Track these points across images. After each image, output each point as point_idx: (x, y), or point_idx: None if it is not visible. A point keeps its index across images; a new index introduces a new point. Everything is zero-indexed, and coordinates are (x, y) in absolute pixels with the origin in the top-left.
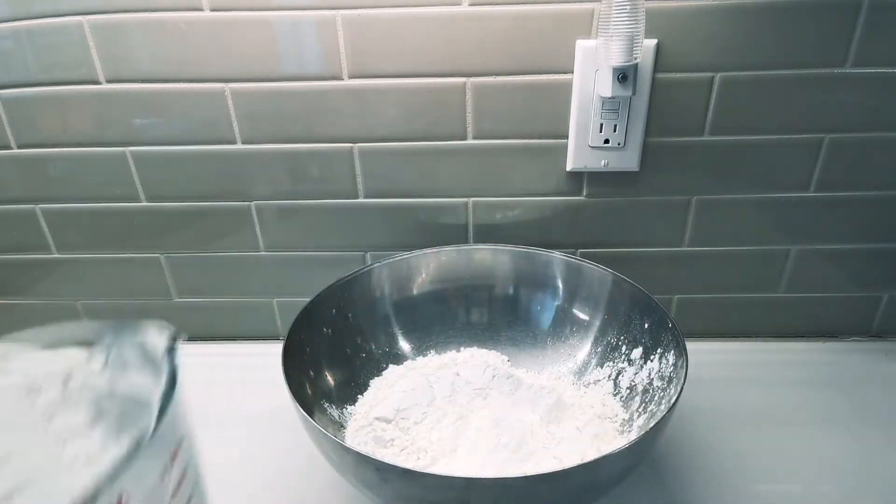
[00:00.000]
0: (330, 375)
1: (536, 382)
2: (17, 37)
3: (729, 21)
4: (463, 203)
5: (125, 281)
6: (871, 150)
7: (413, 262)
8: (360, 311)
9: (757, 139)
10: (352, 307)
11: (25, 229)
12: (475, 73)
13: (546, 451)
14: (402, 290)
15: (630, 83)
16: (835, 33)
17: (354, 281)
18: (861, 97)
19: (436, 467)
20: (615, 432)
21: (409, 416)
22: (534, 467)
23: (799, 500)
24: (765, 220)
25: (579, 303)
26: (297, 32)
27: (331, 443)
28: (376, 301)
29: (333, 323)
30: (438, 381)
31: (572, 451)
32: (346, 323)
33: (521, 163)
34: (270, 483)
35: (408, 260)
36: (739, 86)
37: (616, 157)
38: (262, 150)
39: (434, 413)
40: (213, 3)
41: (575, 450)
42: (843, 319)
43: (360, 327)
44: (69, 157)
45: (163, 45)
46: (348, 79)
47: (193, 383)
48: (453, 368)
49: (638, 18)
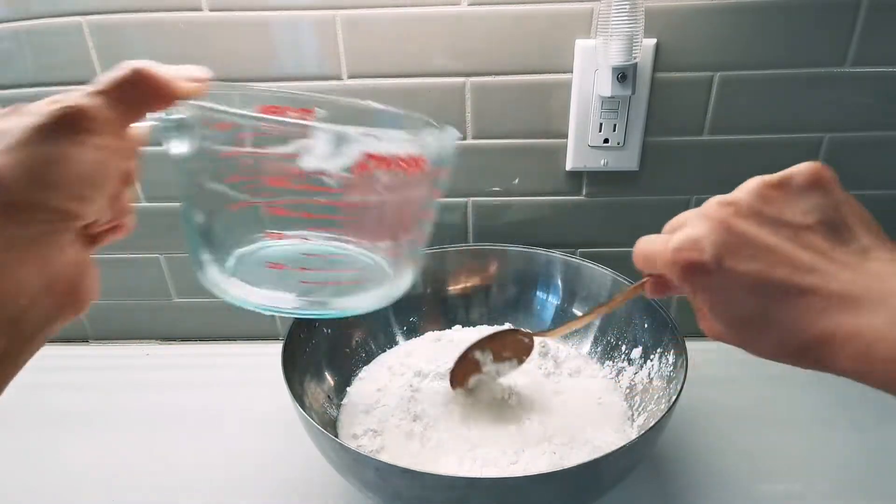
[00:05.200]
0: (330, 375)
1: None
2: (16, 37)
3: (728, 21)
4: (463, 203)
5: (125, 281)
6: (870, 149)
7: None
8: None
9: (757, 139)
10: None
11: None
12: (475, 73)
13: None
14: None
15: (629, 83)
16: (834, 33)
17: None
18: (861, 97)
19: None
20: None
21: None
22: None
23: (799, 499)
24: None
25: (579, 302)
26: (296, 32)
27: (331, 443)
28: None
29: (333, 323)
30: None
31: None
32: (346, 323)
33: (520, 162)
34: (270, 483)
35: None
36: (739, 85)
37: (615, 156)
38: None
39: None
40: (212, 4)
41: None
42: None
43: (360, 327)
44: None
45: (162, 45)
46: (347, 79)
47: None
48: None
49: (637, 18)
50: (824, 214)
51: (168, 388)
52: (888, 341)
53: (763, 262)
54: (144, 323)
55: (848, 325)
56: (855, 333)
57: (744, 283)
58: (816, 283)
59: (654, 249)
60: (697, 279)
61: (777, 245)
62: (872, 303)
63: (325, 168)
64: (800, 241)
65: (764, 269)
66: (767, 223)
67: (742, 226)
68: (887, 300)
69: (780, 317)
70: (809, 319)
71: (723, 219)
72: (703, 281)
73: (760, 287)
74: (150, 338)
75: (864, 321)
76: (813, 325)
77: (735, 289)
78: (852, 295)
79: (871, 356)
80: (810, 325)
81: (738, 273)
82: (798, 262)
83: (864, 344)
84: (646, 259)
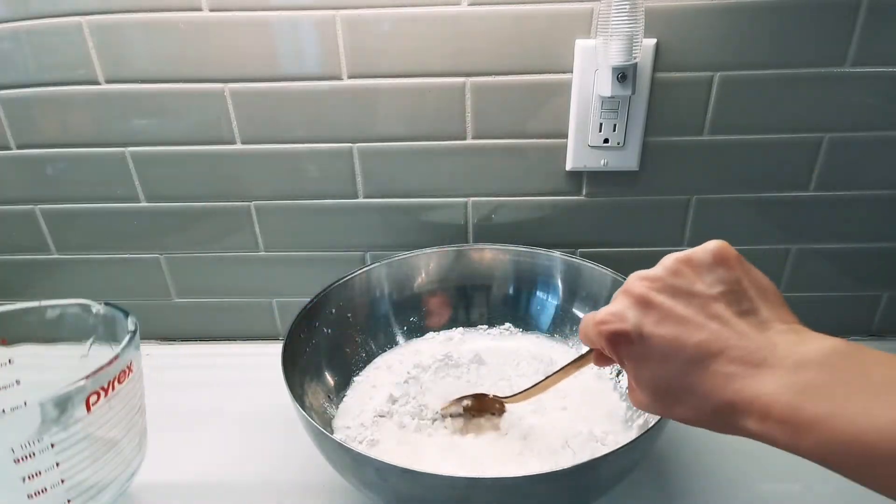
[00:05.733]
0: (330, 375)
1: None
2: (16, 37)
3: (728, 21)
4: (462, 203)
5: (125, 281)
6: (870, 149)
7: (413, 261)
8: (360, 311)
9: (756, 139)
10: (352, 307)
11: (25, 230)
12: (475, 73)
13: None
14: (402, 290)
15: (629, 83)
16: (834, 33)
17: (354, 281)
18: (860, 96)
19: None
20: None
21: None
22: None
23: (799, 499)
24: (764, 220)
25: (579, 302)
26: (296, 32)
27: (331, 443)
28: (376, 301)
29: (333, 323)
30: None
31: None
32: (346, 323)
33: (520, 162)
34: (270, 483)
35: (408, 260)
36: (739, 85)
37: (615, 156)
38: (262, 150)
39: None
40: (212, 4)
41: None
42: (843, 319)
43: (360, 327)
44: (68, 158)
45: (162, 45)
46: (347, 79)
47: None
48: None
49: (637, 18)
50: (728, 287)
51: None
52: (780, 403)
53: (677, 329)
54: (144, 323)
55: (748, 390)
56: (755, 397)
57: (661, 349)
58: (722, 348)
59: (587, 324)
60: (622, 348)
61: (688, 315)
62: (770, 368)
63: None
64: (708, 311)
65: (678, 335)
66: (681, 295)
67: (658, 298)
68: (780, 365)
69: (693, 382)
70: (718, 384)
71: (642, 293)
72: (627, 350)
73: (675, 352)
74: (150, 338)
75: (761, 386)
76: (722, 390)
77: (655, 356)
78: (753, 361)
79: (769, 418)
80: (720, 390)
81: (656, 339)
82: (708, 329)
83: (763, 406)
84: (583, 334)
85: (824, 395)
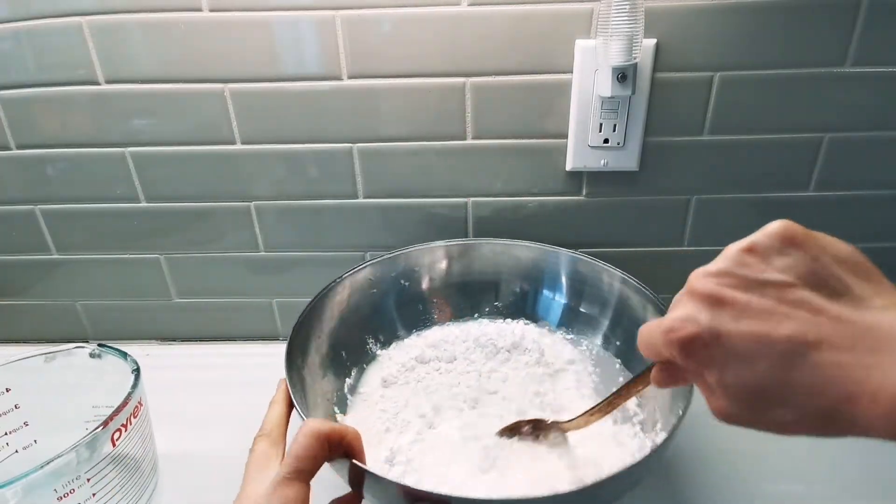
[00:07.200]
0: (330, 375)
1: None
2: (16, 37)
3: (728, 21)
4: (462, 203)
5: (125, 281)
6: (870, 149)
7: (414, 258)
8: (360, 311)
9: (756, 139)
10: (352, 306)
11: (25, 230)
12: (475, 73)
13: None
14: (405, 288)
15: (629, 83)
16: (834, 33)
17: (354, 279)
18: (860, 97)
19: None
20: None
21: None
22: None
23: (800, 499)
24: (764, 220)
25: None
26: (296, 33)
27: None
28: (377, 300)
29: (333, 323)
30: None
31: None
32: (350, 321)
33: (520, 162)
34: None
35: (410, 256)
36: (739, 85)
37: (615, 156)
38: (262, 151)
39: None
40: (212, 4)
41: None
42: None
43: (364, 325)
44: (68, 158)
45: (162, 45)
46: (347, 79)
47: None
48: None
49: (637, 18)
50: (806, 268)
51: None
52: None
53: (759, 323)
54: (144, 323)
55: (873, 380)
56: (879, 387)
57: (745, 348)
58: (820, 337)
59: (651, 334)
60: (699, 354)
61: (768, 306)
62: (890, 353)
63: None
64: (790, 299)
65: (763, 329)
66: (754, 286)
67: (730, 293)
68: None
69: (793, 379)
70: (830, 377)
71: (710, 290)
72: (704, 355)
73: (763, 349)
74: (150, 338)
75: (883, 375)
76: (834, 385)
77: (738, 357)
78: (864, 347)
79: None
80: (834, 383)
81: (737, 338)
82: (796, 318)
83: (890, 396)
84: (647, 346)
85: None
